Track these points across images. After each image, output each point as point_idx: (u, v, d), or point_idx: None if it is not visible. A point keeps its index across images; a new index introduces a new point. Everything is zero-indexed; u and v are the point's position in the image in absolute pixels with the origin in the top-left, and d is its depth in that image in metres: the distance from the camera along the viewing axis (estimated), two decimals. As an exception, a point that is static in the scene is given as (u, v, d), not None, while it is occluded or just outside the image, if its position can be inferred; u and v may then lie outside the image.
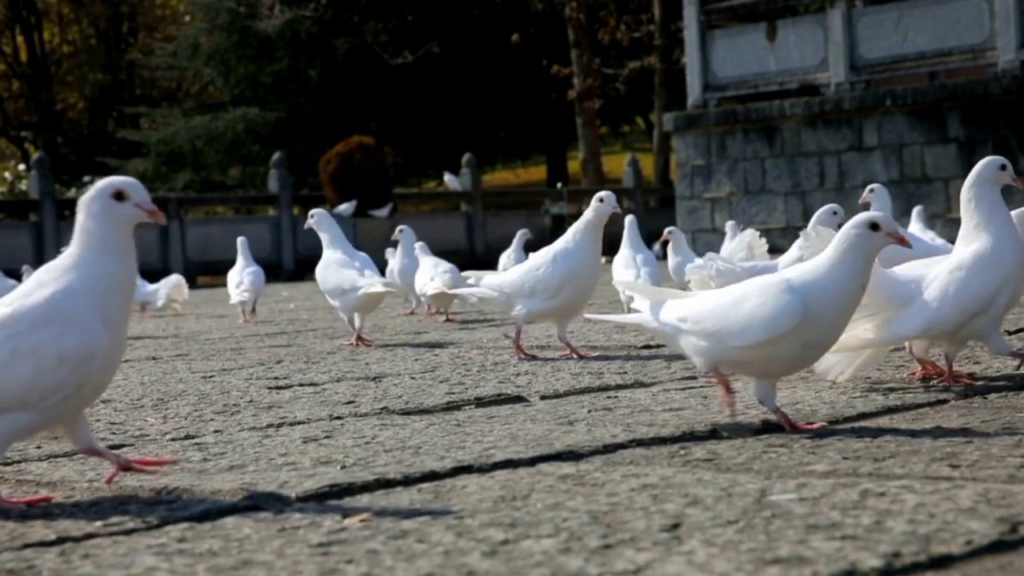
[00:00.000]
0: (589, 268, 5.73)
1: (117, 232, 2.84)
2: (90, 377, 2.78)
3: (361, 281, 6.84)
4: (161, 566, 2.24)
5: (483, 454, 3.17)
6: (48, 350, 2.74)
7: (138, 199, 2.86)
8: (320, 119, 39.37)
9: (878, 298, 3.96)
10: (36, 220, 26.59)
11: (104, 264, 2.81)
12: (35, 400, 2.75)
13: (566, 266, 5.67)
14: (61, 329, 2.75)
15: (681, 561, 2.07)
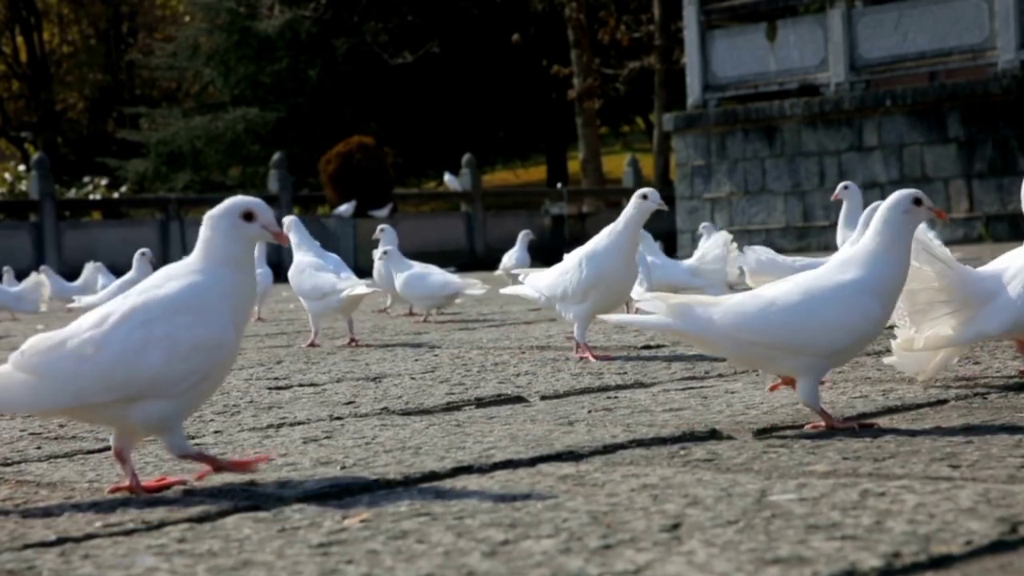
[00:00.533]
0: (620, 270, 5.50)
1: (243, 249, 2.96)
2: (215, 368, 2.91)
3: (341, 284, 6.81)
4: (161, 566, 2.24)
5: (483, 454, 3.17)
6: (182, 337, 2.85)
7: (265, 220, 2.98)
8: (320, 119, 39.39)
9: (960, 295, 3.89)
10: (36, 220, 26.59)
11: (228, 275, 2.95)
12: (165, 387, 2.85)
13: (593, 270, 5.47)
14: (195, 318, 2.87)
15: (681, 561, 2.07)
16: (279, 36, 39.68)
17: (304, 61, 40.54)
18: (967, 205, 20.67)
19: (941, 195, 20.92)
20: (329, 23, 39.35)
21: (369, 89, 40.20)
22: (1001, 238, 19.93)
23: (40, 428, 4.16)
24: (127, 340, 2.83)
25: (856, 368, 4.73)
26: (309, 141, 37.66)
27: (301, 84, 40.54)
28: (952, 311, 3.89)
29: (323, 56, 40.16)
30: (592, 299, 5.48)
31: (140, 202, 33.07)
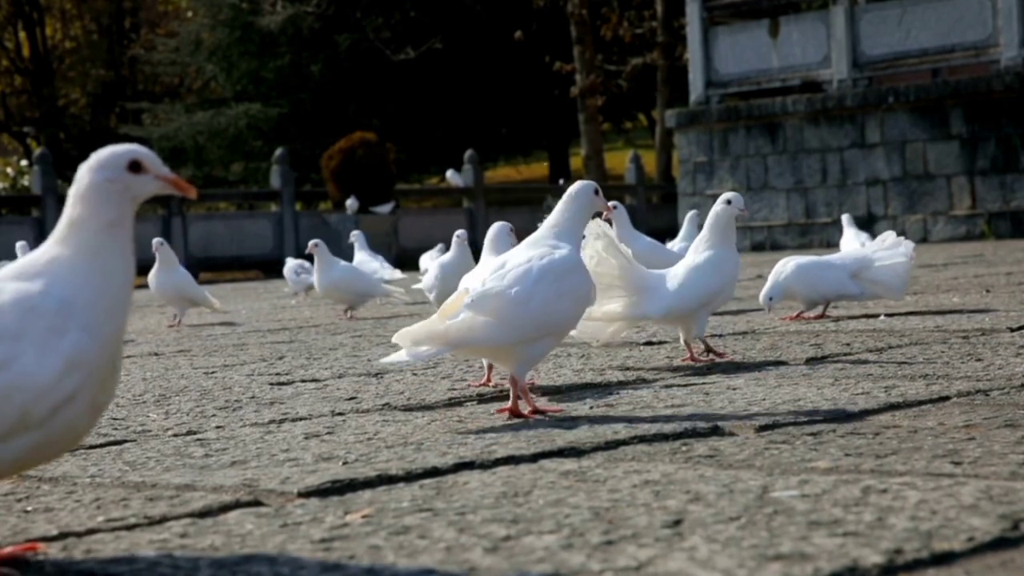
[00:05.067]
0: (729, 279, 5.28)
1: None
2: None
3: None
4: (163, 561, 2.24)
5: (485, 450, 3.17)
6: (580, 290, 3.76)
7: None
8: (322, 115, 39.38)
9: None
10: (38, 216, 26.58)
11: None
12: (564, 328, 3.81)
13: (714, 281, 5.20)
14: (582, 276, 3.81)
15: (683, 557, 2.07)
16: (281, 32, 39.66)
17: (306, 57, 40.53)
18: (969, 202, 20.65)
19: (943, 192, 20.91)
20: (331, 19, 39.34)
21: (371, 85, 40.19)
22: (1003, 235, 19.92)
23: (42, 423, 4.16)
24: (547, 292, 3.64)
25: (858, 365, 4.73)
26: (311, 137, 37.65)
27: (303, 80, 40.54)
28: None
29: (325, 52, 40.15)
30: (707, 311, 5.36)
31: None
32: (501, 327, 3.60)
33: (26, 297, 2.20)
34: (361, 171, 26.96)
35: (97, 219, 2.25)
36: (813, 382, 4.27)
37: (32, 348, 2.17)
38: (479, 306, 3.60)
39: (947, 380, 4.16)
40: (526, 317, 3.62)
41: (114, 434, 3.82)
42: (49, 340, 2.18)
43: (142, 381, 5.41)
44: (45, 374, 2.17)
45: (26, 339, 2.17)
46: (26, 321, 2.18)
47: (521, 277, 3.65)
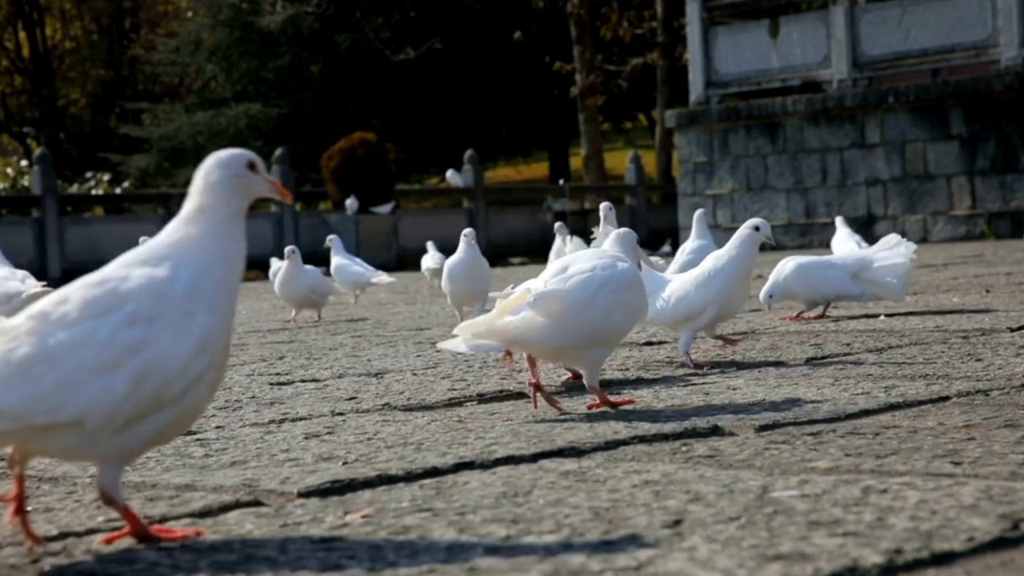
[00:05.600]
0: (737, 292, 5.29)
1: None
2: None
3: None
4: (163, 561, 2.24)
5: (485, 450, 3.17)
6: (635, 305, 3.88)
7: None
8: (322, 115, 39.37)
9: None
10: (38, 216, 26.59)
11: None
12: (616, 339, 3.91)
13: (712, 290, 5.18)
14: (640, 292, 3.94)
15: (683, 557, 2.07)
16: (281, 32, 39.65)
17: (306, 57, 40.53)
18: (969, 202, 20.65)
19: (943, 192, 20.91)
20: (331, 19, 39.34)
21: (371, 85, 40.19)
22: (1003, 235, 19.91)
23: (42, 423, 4.16)
24: (606, 301, 3.74)
25: (858, 365, 4.73)
26: (311, 137, 37.64)
27: (303, 80, 40.53)
28: None
29: (325, 52, 40.14)
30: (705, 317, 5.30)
31: (142, 197, 33.06)
32: (557, 329, 3.68)
33: (157, 281, 2.31)
34: (361, 171, 26.96)
35: (226, 207, 2.40)
36: (813, 382, 4.27)
37: (165, 331, 2.28)
38: (539, 306, 3.68)
39: (947, 380, 4.16)
40: (583, 323, 3.70)
41: (114, 434, 3.82)
42: (181, 323, 2.29)
43: (142, 381, 5.40)
44: (179, 356, 2.28)
45: (159, 322, 2.28)
46: (158, 305, 2.29)
47: (584, 284, 3.74)
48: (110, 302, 2.28)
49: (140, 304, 2.28)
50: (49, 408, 2.21)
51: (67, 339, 2.24)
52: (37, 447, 2.33)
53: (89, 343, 2.24)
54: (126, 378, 2.23)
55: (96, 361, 2.23)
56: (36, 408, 2.21)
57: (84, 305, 2.28)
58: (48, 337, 2.24)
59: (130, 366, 2.24)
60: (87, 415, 2.22)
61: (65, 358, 2.23)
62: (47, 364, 2.22)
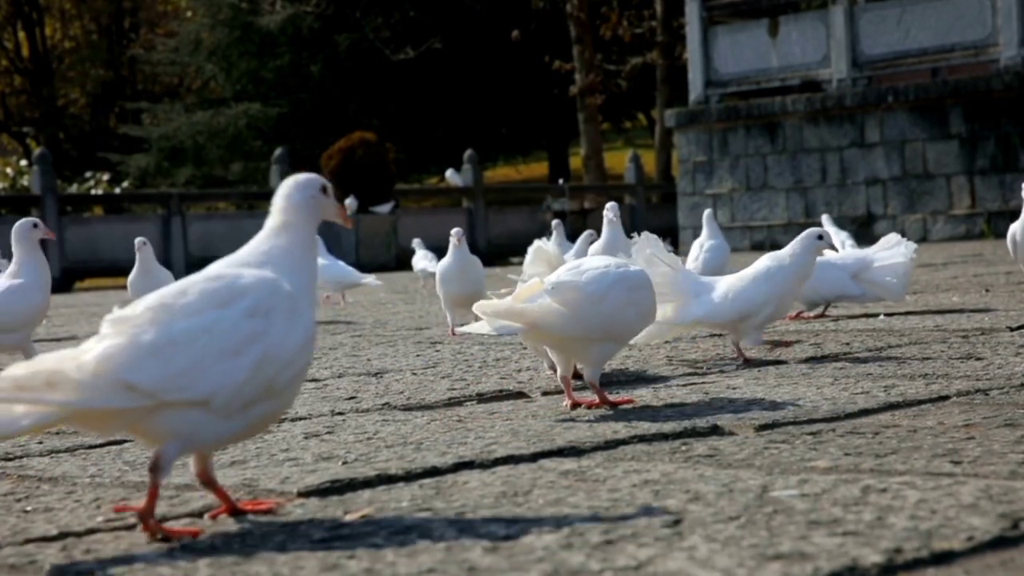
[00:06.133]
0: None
1: None
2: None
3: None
4: (163, 561, 2.24)
5: (485, 450, 3.17)
6: (645, 305, 3.98)
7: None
8: (322, 115, 39.37)
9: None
10: (38, 215, 26.60)
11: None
12: (624, 335, 3.98)
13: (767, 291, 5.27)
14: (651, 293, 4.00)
15: (682, 557, 2.07)
16: (281, 32, 39.66)
17: (306, 57, 40.53)
18: (969, 202, 20.66)
19: (943, 192, 20.91)
20: (331, 19, 39.34)
21: (371, 85, 40.19)
22: (1003, 234, 19.87)
23: (42, 423, 4.16)
24: (619, 297, 3.84)
25: (857, 365, 4.73)
26: (311, 137, 37.64)
27: (303, 80, 40.53)
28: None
29: (325, 52, 40.14)
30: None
31: (142, 197, 33.07)
32: (573, 318, 3.78)
33: (268, 279, 2.52)
34: (361, 171, 26.95)
35: (307, 225, 2.65)
36: (813, 381, 4.27)
37: (279, 323, 2.48)
38: (557, 294, 3.80)
39: (946, 379, 4.16)
40: (597, 315, 3.81)
41: (114, 434, 3.82)
42: (291, 318, 2.50)
43: (142, 381, 5.40)
44: (290, 347, 2.49)
45: (274, 315, 2.48)
46: (273, 299, 2.49)
47: (599, 278, 3.86)
48: (229, 294, 2.47)
49: (258, 297, 2.47)
50: (180, 387, 2.38)
51: (192, 326, 2.41)
52: (150, 429, 2.44)
53: (214, 330, 2.41)
54: (247, 364, 2.42)
55: (220, 347, 2.41)
56: (169, 386, 2.37)
57: (205, 296, 2.46)
58: (173, 324, 2.41)
59: (251, 353, 2.43)
60: (213, 395, 2.39)
61: (192, 343, 2.40)
62: (176, 348, 2.39)
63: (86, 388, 2.33)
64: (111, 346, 2.38)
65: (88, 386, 2.34)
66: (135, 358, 2.36)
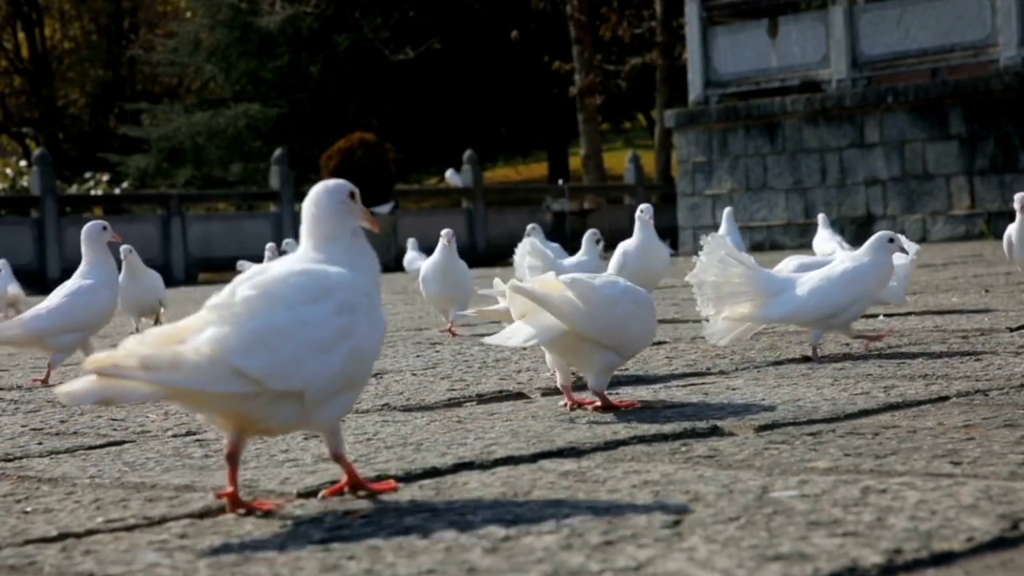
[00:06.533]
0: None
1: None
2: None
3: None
4: (162, 562, 2.24)
5: (484, 450, 3.17)
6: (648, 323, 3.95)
7: None
8: (321, 115, 39.37)
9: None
10: (37, 216, 26.60)
11: None
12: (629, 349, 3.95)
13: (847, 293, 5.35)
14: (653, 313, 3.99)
15: (682, 557, 2.07)
16: (280, 32, 39.65)
17: (305, 57, 40.52)
18: (969, 202, 20.66)
19: (943, 192, 20.91)
20: (330, 19, 39.33)
21: (370, 85, 40.18)
22: (1002, 235, 19.89)
23: (41, 424, 4.16)
24: (628, 308, 3.83)
25: (857, 365, 4.73)
26: (310, 137, 37.64)
27: (302, 80, 40.53)
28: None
29: (324, 52, 40.14)
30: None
31: (141, 198, 33.07)
32: (590, 316, 3.77)
33: (351, 276, 2.67)
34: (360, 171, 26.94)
35: (346, 228, 2.74)
36: (812, 382, 4.27)
37: (363, 320, 2.64)
38: (575, 288, 3.79)
39: (946, 380, 4.16)
40: (608, 319, 3.81)
41: (113, 435, 3.82)
42: (371, 315, 2.67)
43: (141, 382, 5.39)
44: (373, 342, 2.67)
45: (358, 312, 2.64)
46: (357, 297, 2.65)
47: (610, 285, 3.92)
48: (321, 290, 2.61)
49: (346, 295, 2.63)
50: (284, 376, 2.51)
51: (292, 318, 2.55)
52: (244, 414, 2.56)
53: (310, 325, 2.56)
54: (339, 358, 2.57)
55: (317, 341, 2.55)
56: (274, 374, 2.50)
57: (299, 290, 2.60)
58: (274, 315, 2.54)
59: (342, 348, 2.58)
60: (308, 386, 2.54)
61: (292, 335, 2.53)
62: (280, 338, 2.52)
63: (202, 371, 2.46)
64: (221, 332, 2.50)
65: (203, 369, 2.46)
66: (246, 346, 2.49)
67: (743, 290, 4.99)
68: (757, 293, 5.01)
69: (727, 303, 5.01)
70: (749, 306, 5.01)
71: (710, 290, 4.99)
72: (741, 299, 5.01)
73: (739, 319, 5.02)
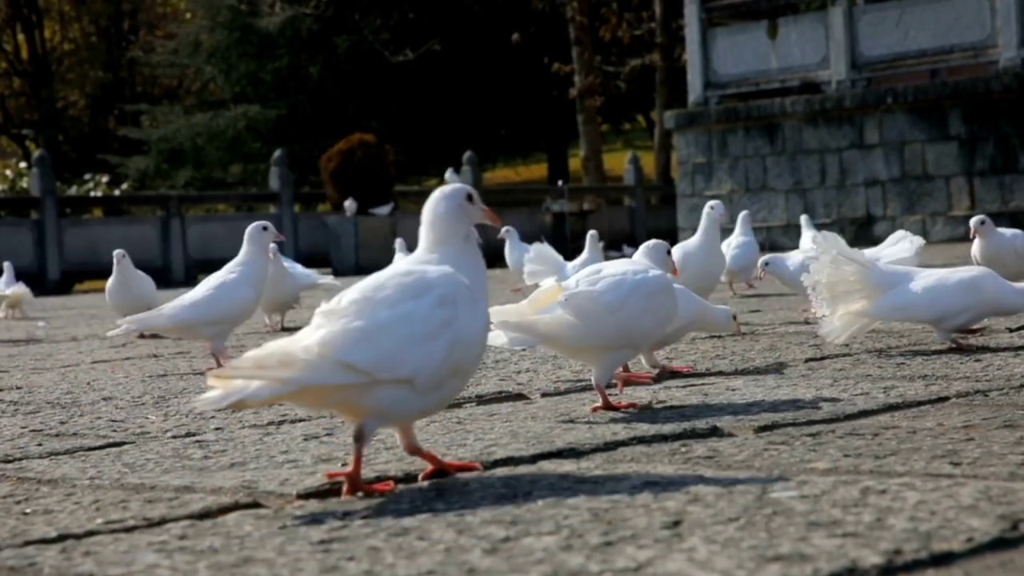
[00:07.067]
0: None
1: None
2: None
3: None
4: (162, 563, 2.24)
5: (484, 451, 3.17)
6: (664, 309, 3.95)
7: None
8: (321, 117, 39.38)
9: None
10: (37, 218, 26.59)
11: None
12: (644, 342, 4.02)
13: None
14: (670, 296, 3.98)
15: (682, 558, 2.07)
16: (280, 33, 39.67)
17: (305, 59, 40.54)
18: (968, 203, 20.66)
19: (942, 193, 20.91)
20: (330, 21, 39.35)
21: (370, 87, 40.19)
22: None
23: (41, 425, 4.16)
24: (636, 305, 3.82)
25: (857, 366, 4.73)
26: (310, 139, 37.66)
27: (302, 82, 40.54)
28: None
29: (324, 54, 40.15)
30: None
31: (141, 199, 33.09)
32: (586, 330, 3.76)
33: (450, 273, 2.85)
34: (360, 173, 26.95)
35: (457, 232, 2.93)
36: (812, 383, 4.27)
37: (465, 312, 2.81)
38: (570, 306, 3.76)
39: (946, 381, 4.16)
40: (613, 325, 3.79)
41: (113, 436, 3.82)
42: (473, 307, 2.84)
43: (141, 383, 5.40)
44: (475, 332, 2.84)
45: (460, 305, 2.81)
46: (458, 291, 2.82)
47: (615, 286, 3.85)
48: (422, 287, 2.80)
49: (445, 289, 2.80)
50: (391, 366, 2.70)
51: (395, 315, 2.74)
52: (360, 404, 2.75)
53: (413, 317, 2.75)
54: (442, 346, 2.75)
55: (420, 332, 2.74)
56: (381, 365, 2.70)
57: (401, 289, 2.79)
58: (377, 314, 2.74)
59: (445, 337, 2.76)
60: (416, 374, 2.73)
61: (396, 329, 2.73)
62: (383, 332, 2.71)
63: (312, 367, 2.66)
64: (329, 332, 2.71)
65: (314, 365, 2.66)
66: (352, 341, 2.69)
67: (857, 287, 5.04)
68: (871, 288, 5.06)
69: (841, 301, 5.08)
70: (864, 302, 5.07)
71: (824, 290, 5.07)
72: (856, 296, 5.06)
73: (855, 315, 5.07)
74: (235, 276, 6.01)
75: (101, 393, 5.06)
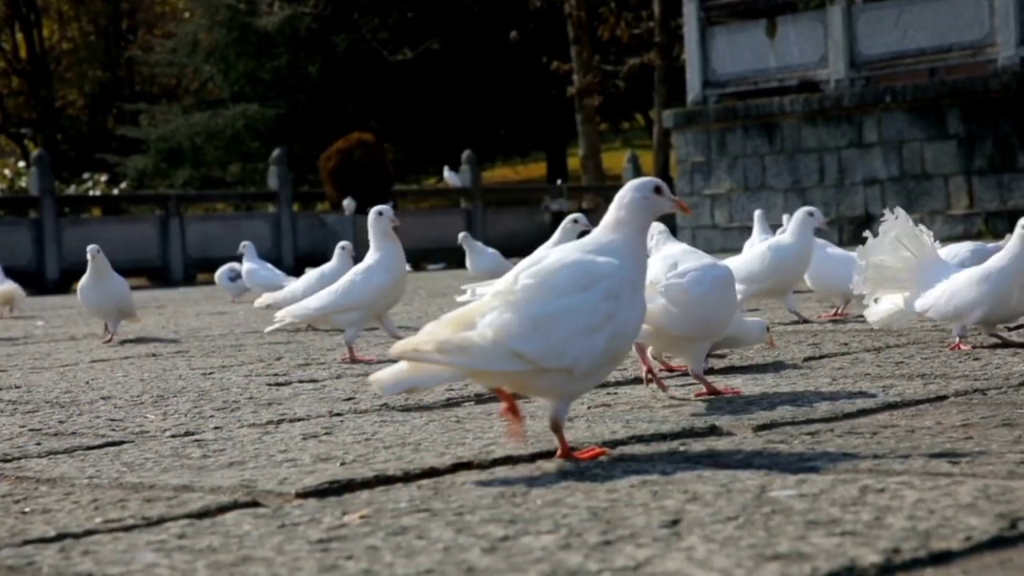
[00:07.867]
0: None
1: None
2: None
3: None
4: (161, 562, 2.24)
5: (483, 450, 3.17)
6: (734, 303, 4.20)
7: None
8: (320, 116, 39.38)
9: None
10: (36, 217, 26.58)
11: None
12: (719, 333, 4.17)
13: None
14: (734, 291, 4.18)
15: (681, 557, 2.07)
16: (279, 32, 39.66)
17: (304, 58, 40.53)
18: (967, 202, 20.66)
19: (941, 192, 20.91)
20: (329, 20, 39.34)
21: (369, 86, 40.19)
22: (1000, 234, 19.89)
23: (39, 424, 4.16)
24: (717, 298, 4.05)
25: (855, 364, 4.73)
26: (309, 138, 37.65)
27: (301, 81, 40.54)
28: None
29: (323, 53, 40.15)
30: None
31: (140, 198, 33.08)
32: (681, 318, 3.99)
33: (617, 265, 3.00)
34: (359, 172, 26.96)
35: (638, 221, 3.09)
36: (810, 382, 4.27)
37: (626, 305, 2.98)
38: (668, 295, 3.99)
39: (945, 379, 4.16)
40: (701, 316, 4.01)
41: (112, 435, 3.82)
42: (632, 300, 3.01)
43: (140, 382, 5.40)
44: (633, 324, 3.03)
45: (622, 298, 2.97)
46: (621, 284, 2.98)
47: (699, 280, 4.04)
48: (589, 279, 2.96)
49: (611, 283, 2.96)
50: (555, 356, 2.88)
51: (563, 305, 2.90)
52: (527, 387, 2.99)
53: (580, 310, 2.91)
54: (604, 339, 2.92)
55: (585, 325, 2.90)
56: (547, 355, 2.87)
57: (569, 280, 2.95)
58: (547, 303, 2.89)
59: (607, 330, 2.93)
60: (576, 364, 2.90)
61: (563, 320, 2.89)
62: (553, 323, 2.88)
63: (486, 354, 2.84)
64: (503, 319, 2.87)
65: (487, 352, 2.84)
66: (524, 331, 2.85)
67: (902, 277, 5.06)
68: (914, 282, 5.07)
69: (882, 287, 5.10)
70: (900, 297, 5.09)
71: (872, 271, 5.09)
72: (897, 286, 5.08)
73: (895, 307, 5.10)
74: (370, 263, 6.13)
75: (100, 392, 5.06)
